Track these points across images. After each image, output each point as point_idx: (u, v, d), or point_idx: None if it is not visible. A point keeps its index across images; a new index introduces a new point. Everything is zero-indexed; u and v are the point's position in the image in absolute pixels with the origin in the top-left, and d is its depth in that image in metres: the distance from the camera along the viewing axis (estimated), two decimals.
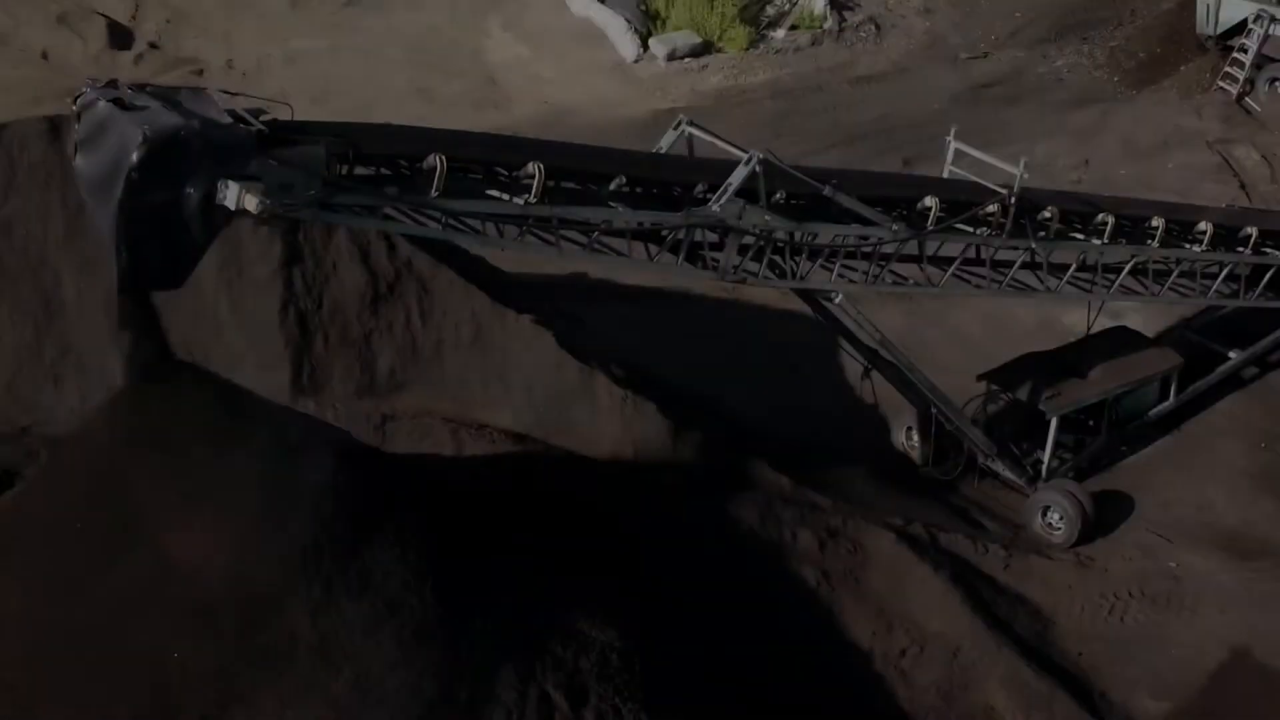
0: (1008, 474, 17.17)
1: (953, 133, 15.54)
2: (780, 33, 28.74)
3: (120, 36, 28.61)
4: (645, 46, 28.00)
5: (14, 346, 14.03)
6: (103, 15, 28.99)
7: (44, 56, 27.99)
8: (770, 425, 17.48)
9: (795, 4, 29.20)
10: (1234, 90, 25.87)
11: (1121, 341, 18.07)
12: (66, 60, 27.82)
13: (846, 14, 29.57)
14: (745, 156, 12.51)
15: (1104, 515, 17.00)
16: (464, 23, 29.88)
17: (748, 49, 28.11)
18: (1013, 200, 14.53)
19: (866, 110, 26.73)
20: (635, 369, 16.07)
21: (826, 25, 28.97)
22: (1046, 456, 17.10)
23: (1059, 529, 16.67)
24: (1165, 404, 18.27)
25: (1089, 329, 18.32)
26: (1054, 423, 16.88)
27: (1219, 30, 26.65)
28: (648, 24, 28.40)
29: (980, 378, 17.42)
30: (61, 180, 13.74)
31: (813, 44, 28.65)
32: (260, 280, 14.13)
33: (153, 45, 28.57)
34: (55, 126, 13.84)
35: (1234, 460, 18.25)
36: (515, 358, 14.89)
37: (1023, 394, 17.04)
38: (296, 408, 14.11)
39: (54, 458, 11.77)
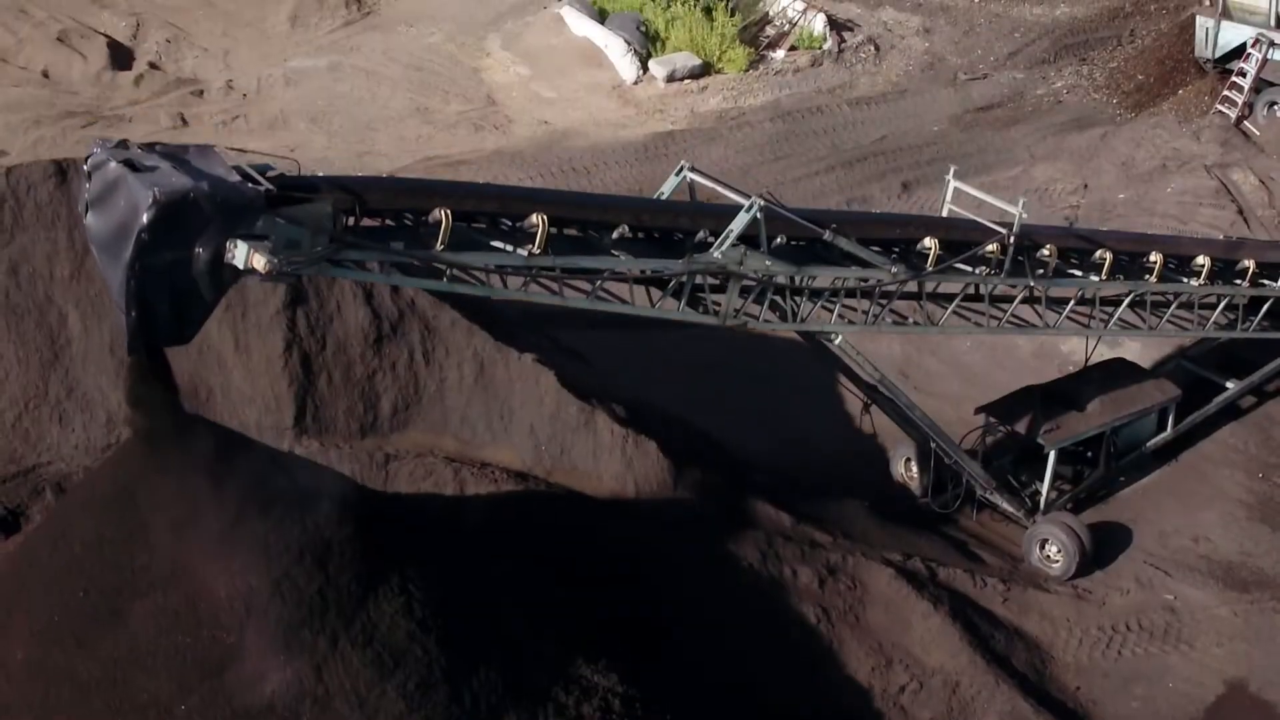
0: (1006, 506, 17.28)
1: (952, 172, 15.66)
2: (780, 54, 28.81)
3: (121, 56, 28.69)
4: (645, 67, 28.05)
5: (20, 385, 14.10)
6: (103, 35, 29.08)
7: (45, 75, 28.06)
8: (771, 457, 17.58)
9: (795, 25, 29.27)
10: (1232, 114, 25.97)
11: (1119, 373, 18.16)
12: (67, 79, 27.92)
13: (846, 35, 29.66)
14: (746, 203, 12.59)
15: (1102, 547, 17.10)
16: (463, 42, 29.98)
17: (747, 70, 28.16)
18: (1011, 240, 14.62)
19: (866, 132, 26.81)
20: (636, 404, 16.17)
21: (826, 46, 29.03)
22: (1045, 489, 17.21)
23: (1057, 561, 16.79)
24: (1163, 435, 18.39)
25: (1087, 360, 18.44)
26: (1052, 456, 16.99)
27: (1217, 54, 26.74)
28: (647, 45, 28.44)
29: (979, 410, 17.50)
30: (68, 221, 13.87)
31: (812, 65, 28.72)
32: (264, 321, 14.23)
33: (153, 65, 28.64)
34: (62, 169, 13.96)
35: (1231, 491, 18.38)
36: (517, 397, 14.99)
37: (1021, 427, 17.14)
38: (300, 447, 14.24)
39: (61, 508, 11.85)
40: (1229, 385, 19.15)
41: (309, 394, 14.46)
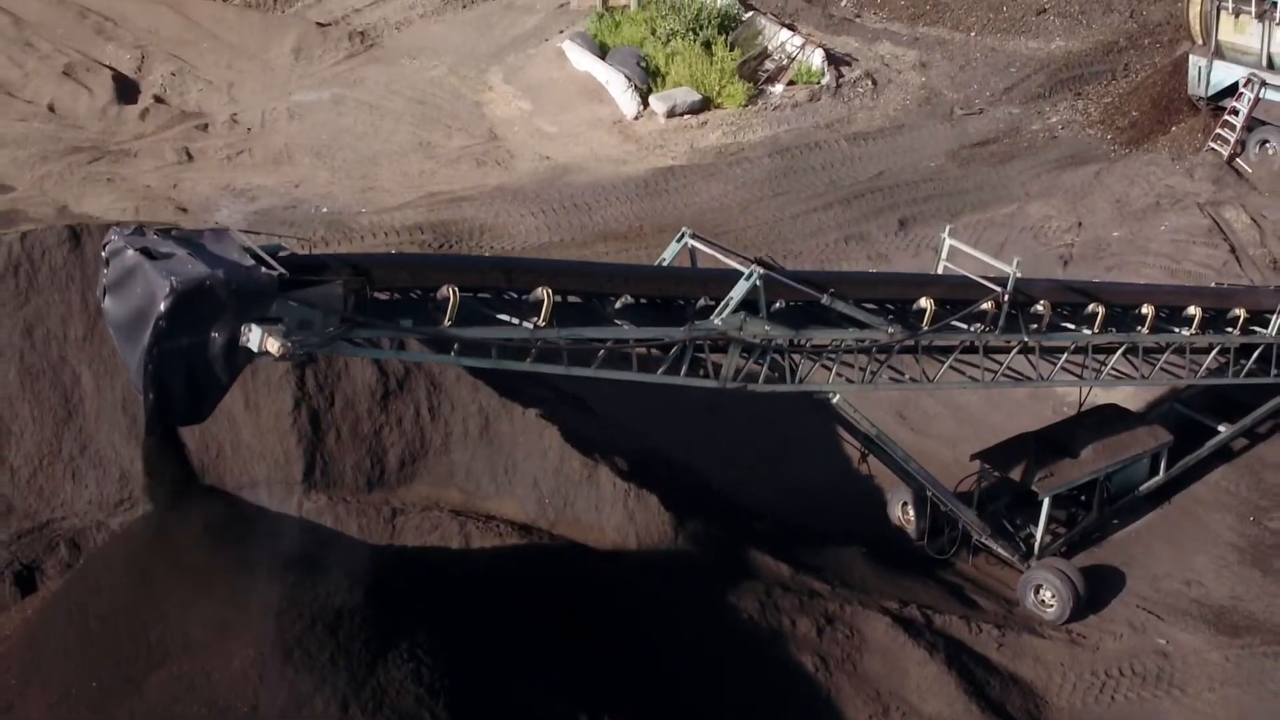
0: (1001, 551, 17.55)
1: (947, 230, 15.97)
2: (778, 88, 29.03)
3: (126, 90, 28.95)
4: (645, 103, 28.29)
5: (35, 442, 14.39)
6: (108, 68, 29.35)
7: (51, 109, 28.32)
8: (770, 503, 17.84)
9: (793, 60, 29.54)
10: (1225, 151, 26.26)
11: (1111, 419, 18.42)
12: (73, 113, 28.17)
13: (843, 69, 29.90)
14: (746, 271, 12.88)
15: (1095, 591, 17.35)
16: (465, 75, 30.25)
17: (746, 105, 28.39)
18: (1006, 298, 14.90)
19: (864, 168, 26.99)
20: (638, 454, 16.43)
21: (824, 81, 29.25)
22: (1039, 535, 17.47)
23: (1051, 606, 17.04)
24: (1155, 479, 18.67)
25: (1081, 405, 18.70)
26: (1046, 502, 17.26)
27: (1210, 92, 27.03)
28: (648, 80, 28.69)
29: (974, 457, 17.78)
30: (81, 284, 14.18)
31: (810, 99, 28.92)
32: (274, 379, 14.52)
33: (158, 99, 28.90)
34: (76, 233, 14.27)
35: (1223, 534, 18.66)
36: (521, 450, 15.27)
37: (1015, 474, 17.41)
38: (309, 501, 14.53)
39: (77, 579, 12.11)
40: (1221, 429, 19.42)
41: (317, 450, 14.75)
